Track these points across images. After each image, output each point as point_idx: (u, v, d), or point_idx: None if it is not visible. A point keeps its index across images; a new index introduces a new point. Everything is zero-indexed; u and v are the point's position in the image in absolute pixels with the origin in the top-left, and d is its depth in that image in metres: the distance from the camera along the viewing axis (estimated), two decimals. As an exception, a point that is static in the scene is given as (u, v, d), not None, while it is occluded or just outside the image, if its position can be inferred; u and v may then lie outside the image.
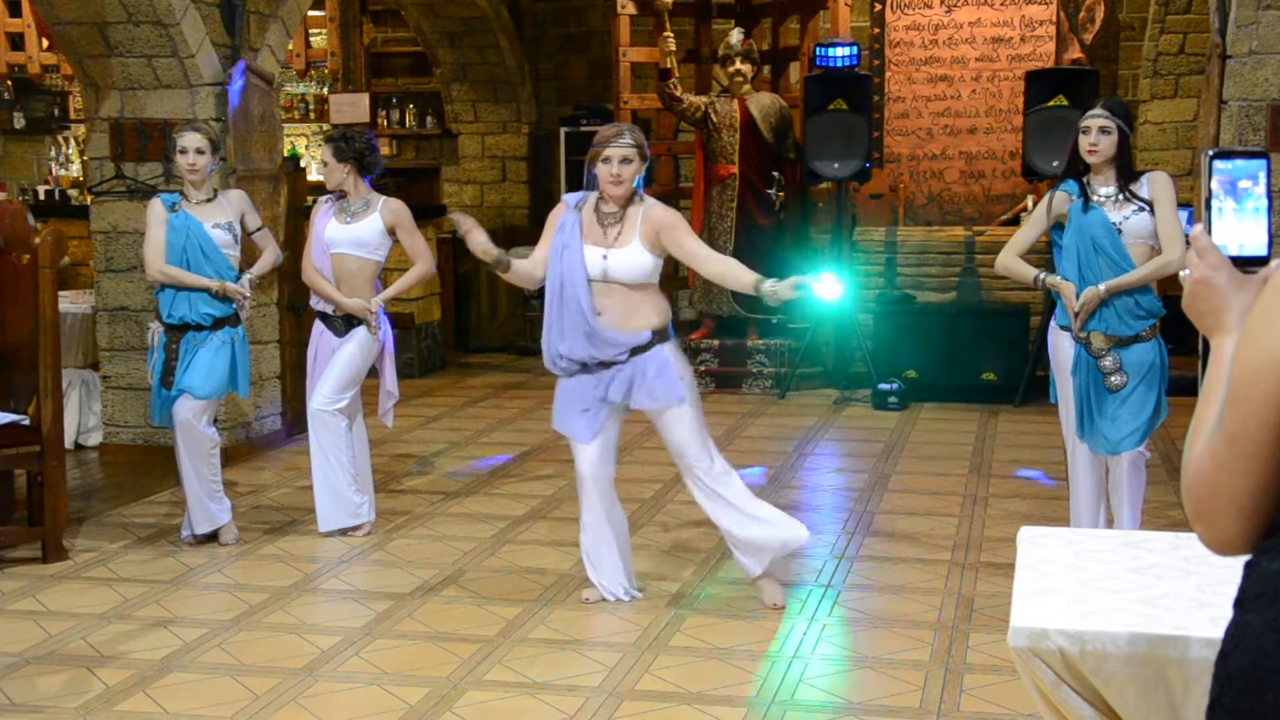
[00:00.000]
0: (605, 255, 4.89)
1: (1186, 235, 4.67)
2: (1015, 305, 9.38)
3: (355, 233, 5.96)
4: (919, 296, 9.70)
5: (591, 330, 4.87)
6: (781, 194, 9.49)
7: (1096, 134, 5.06)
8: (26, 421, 5.64)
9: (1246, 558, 1.59)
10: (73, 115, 12.67)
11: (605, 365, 4.92)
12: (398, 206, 6.02)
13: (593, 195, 4.99)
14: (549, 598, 5.16)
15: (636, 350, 4.91)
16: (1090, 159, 5.08)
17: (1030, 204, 9.49)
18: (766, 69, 10.22)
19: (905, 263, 9.84)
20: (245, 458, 7.62)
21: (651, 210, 4.94)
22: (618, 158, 4.85)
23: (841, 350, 9.64)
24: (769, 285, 4.80)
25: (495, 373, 10.87)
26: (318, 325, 6.10)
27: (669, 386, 4.89)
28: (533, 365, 11.20)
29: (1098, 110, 5.13)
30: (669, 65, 9.48)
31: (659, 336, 4.94)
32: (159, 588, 5.35)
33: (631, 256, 4.89)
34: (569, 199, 5.05)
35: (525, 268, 5.08)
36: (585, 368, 4.94)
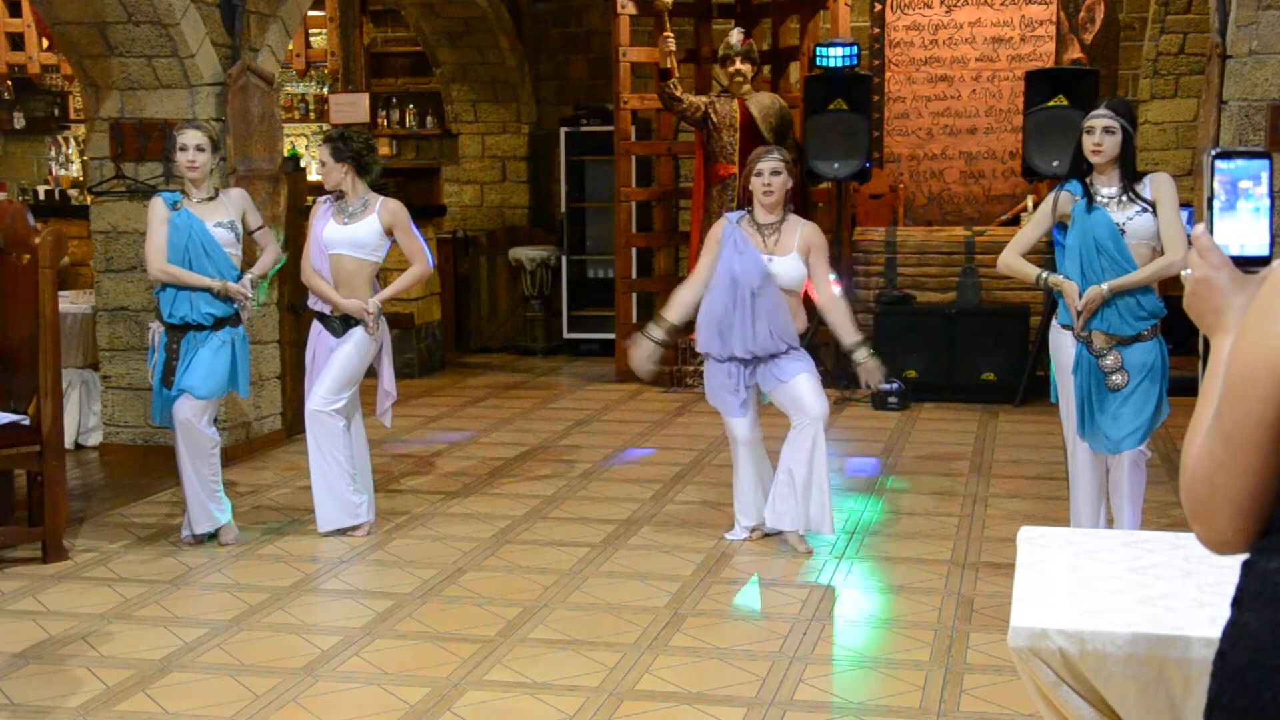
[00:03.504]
0: (770, 259, 5.58)
1: (1189, 235, 4.67)
2: (1015, 305, 9.38)
3: (353, 234, 5.96)
4: (919, 296, 9.70)
5: (757, 330, 5.55)
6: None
7: (1101, 134, 5.05)
8: (26, 421, 5.64)
9: (1244, 557, 1.58)
10: (73, 115, 12.67)
11: (758, 358, 5.62)
12: (395, 207, 6.02)
13: (745, 212, 5.69)
14: (549, 598, 5.16)
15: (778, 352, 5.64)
16: (1094, 159, 5.07)
17: (1030, 204, 9.49)
18: (766, 69, 10.21)
19: (905, 263, 9.84)
20: (245, 458, 7.62)
21: (805, 226, 5.67)
22: (769, 170, 5.60)
23: (841, 350, 9.62)
24: (863, 355, 5.72)
25: (495, 373, 10.86)
26: (316, 325, 6.09)
27: (795, 363, 5.65)
28: (533, 365, 11.22)
29: (1102, 110, 5.11)
30: (669, 65, 9.47)
31: (800, 339, 5.71)
32: (159, 588, 5.35)
33: (790, 264, 5.58)
34: (730, 216, 5.76)
35: (686, 302, 5.74)
36: (735, 357, 5.61)
